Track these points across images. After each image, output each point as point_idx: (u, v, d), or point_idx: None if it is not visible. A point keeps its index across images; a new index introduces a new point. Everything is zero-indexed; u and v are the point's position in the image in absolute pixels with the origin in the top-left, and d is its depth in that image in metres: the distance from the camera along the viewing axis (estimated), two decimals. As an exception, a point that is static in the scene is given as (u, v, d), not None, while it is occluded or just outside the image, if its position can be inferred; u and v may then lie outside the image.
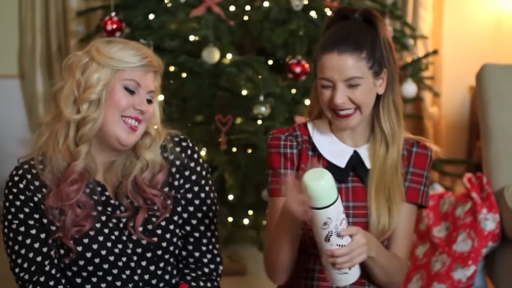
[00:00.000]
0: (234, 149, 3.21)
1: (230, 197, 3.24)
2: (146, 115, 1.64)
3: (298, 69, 3.19)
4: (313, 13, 3.37)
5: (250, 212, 3.35)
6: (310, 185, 1.44)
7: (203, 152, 3.22)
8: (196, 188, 1.72)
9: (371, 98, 1.68)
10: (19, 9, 4.37)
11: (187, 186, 1.71)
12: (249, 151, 3.20)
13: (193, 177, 1.71)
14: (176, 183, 1.70)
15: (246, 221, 3.35)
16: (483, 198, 2.67)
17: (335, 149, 1.73)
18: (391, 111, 1.70)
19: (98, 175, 1.67)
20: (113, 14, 3.29)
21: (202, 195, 1.73)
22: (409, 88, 3.62)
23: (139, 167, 1.66)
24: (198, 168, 1.72)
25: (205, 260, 1.74)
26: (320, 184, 1.44)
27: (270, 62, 3.43)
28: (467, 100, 4.72)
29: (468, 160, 4.41)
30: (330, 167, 1.70)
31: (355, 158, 1.72)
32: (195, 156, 1.73)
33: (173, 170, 1.70)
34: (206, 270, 1.74)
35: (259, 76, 3.22)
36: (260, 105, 3.14)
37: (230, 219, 3.32)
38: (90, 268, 1.63)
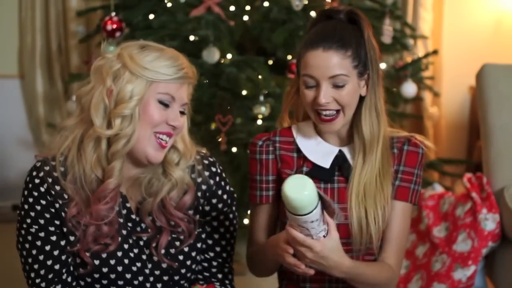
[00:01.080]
0: (234, 149, 3.21)
1: (230, 197, 3.23)
2: (180, 129, 1.58)
3: (298, 69, 3.20)
4: (313, 13, 3.37)
5: (250, 212, 3.34)
6: (290, 196, 1.43)
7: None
8: (221, 217, 1.70)
9: (355, 99, 1.65)
10: (19, 9, 4.38)
11: (213, 214, 1.69)
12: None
13: (220, 206, 1.69)
14: (200, 208, 1.67)
15: (246, 221, 3.34)
16: (483, 198, 2.67)
17: (320, 149, 1.71)
18: (372, 115, 1.67)
19: (121, 187, 1.61)
20: (113, 14, 3.29)
21: (227, 223, 1.72)
22: (409, 88, 3.62)
23: (168, 188, 1.60)
24: (225, 196, 1.70)
25: (227, 281, 1.75)
26: (303, 195, 1.43)
27: (270, 62, 3.43)
28: (467, 100, 4.72)
29: (468, 160, 4.41)
30: (315, 168, 1.69)
31: (340, 158, 1.70)
32: (223, 183, 1.70)
33: (199, 194, 1.66)
34: (227, 283, 1.75)
35: (259, 76, 3.22)
36: (260, 105, 3.14)
37: (230, 219, 3.32)
38: (105, 282, 1.59)
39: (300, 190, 1.42)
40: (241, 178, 3.16)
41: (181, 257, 1.64)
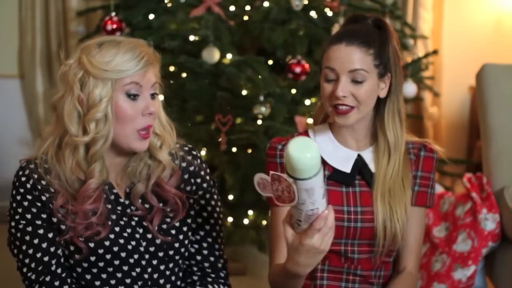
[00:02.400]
0: (234, 149, 3.21)
1: (230, 197, 3.24)
2: (155, 113, 1.62)
3: (298, 69, 3.20)
4: (313, 13, 3.37)
5: (250, 212, 3.34)
6: (293, 156, 1.34)
7: (203, 152, 3.22)
8: (207, 196, 1.74)
9: (373, 98, 1.68)
10: (19, 9, 4.38)
11: (200, 193, 1.73)
12: (249, 151, 3.20)
13: (204, 185, 1.74)
14: (188, 188, 1.71)
15: (246, 221, 3.35)
16: (483, 198, 2.67)
17: (339, 154, 1.73)
18: (395, 119, 1.71)
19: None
20: (113, 14, 3.29)
21: (213, 202, 1.75)
22: (409, 88, 3.62)
23: (160, 170, 1.66)
24: (207, 177, 1.75)
25: (219, 265, 1.77)
26: (306, 157, 1.34)
27: (270, 62, 3.43)
28: (467, 100, 4.72)
29: (468, 160, 4.41)
30: (336, 172, 1.71)
31: (360, 162, 1.72)
32: (204, 165, 1.75)
33: (186, 176, 1.71)
34: (222, 275, 1.77)
35: (259, 76, 3.22)
36: (260, 105, 3.14)
37: (230, 219, 3.32)
38: (101, 264, 1.62)
39: (304, 150, 1.35)
40: (241, 178, 3.16)
41: (173, 232, 1.67)
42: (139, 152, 1.62)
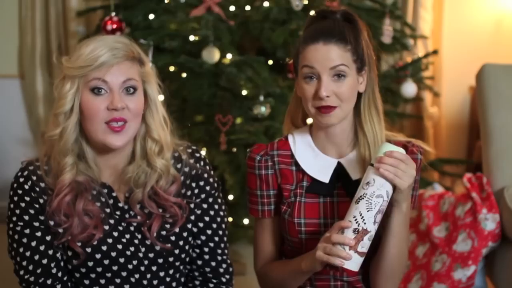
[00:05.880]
0: (234, 149, 3.21)
1: (230, 197, 3.24)
2: (132, 110, 1.59)
3: (298, 69, 3.19)
4: (313, 13, 3.36)
5: (250, 212, 3.34)
6: (386, 147, 1.55)
7: (202, 152, 3.22)
8: (210, 199, 1.72)
9: (354, 95, 1.65)
10: (19, 9, 4.38)
11: (202, 196, 1.70)
12: (249, 151, 3.20)
13: (207, 188, 1.71)
14: (189, 193, 1.69)
15: (246, 221, 3.35)
16: (483, 198, 2.67)
17: (318, 162, 1.69)
18: (372, 112, 1.67)
19: (104, 177, 1.65)
20: (113, 14, 3.28)
21: (216, 206, 1.73)
22: (409, 88, 3.61)
23: (155, 178, 1.63)
24: (211, 180, 1.72)
25: (221, 270, 1.74)
26: (393, 149, 1.54)
27: (270, 62, 3.43)
28: (467, 100, 4.72)
29: (468, 160, 4.41)
30: (315, 183, 1.68)
31: (340, 170, 1.68)
32: (208, 167, 1.73)
33: (188, 181, 1.69)
34: (224, 279, 1.75)
35: (259, 76, 3.22)
36: (260, 105, 3.14)
37: (230, 219, 3.32)
38: (99, 269, 1.61)
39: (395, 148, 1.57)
40: (241, 178, 3.16)
41: (173, 238, 1.65)
42: (114, 148, 1.59)
